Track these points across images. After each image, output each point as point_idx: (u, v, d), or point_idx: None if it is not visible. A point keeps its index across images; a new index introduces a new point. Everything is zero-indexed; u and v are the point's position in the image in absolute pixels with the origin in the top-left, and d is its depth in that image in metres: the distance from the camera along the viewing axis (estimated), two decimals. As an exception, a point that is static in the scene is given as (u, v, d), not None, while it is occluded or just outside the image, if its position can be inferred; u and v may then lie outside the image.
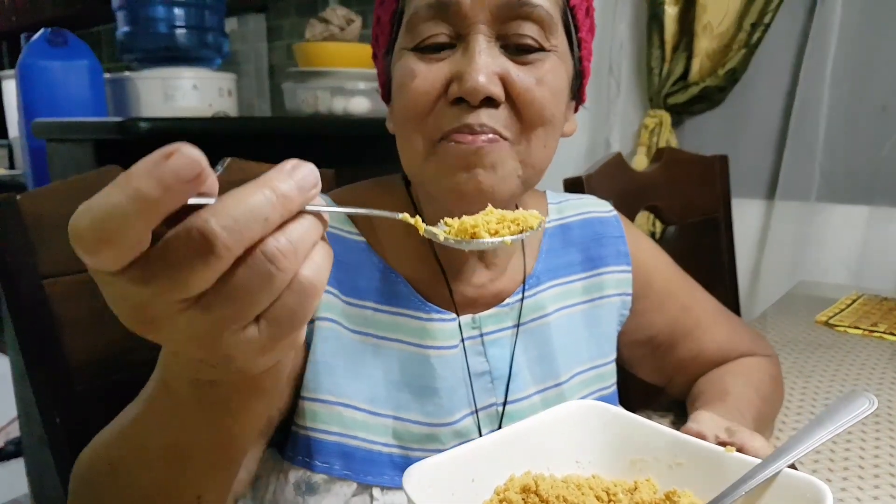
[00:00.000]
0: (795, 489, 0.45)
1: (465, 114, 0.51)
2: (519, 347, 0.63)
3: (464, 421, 0.60)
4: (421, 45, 0.52)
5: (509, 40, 0.52)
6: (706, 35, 1.58)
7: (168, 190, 0.24)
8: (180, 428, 0.35)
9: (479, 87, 0.50)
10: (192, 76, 1.63)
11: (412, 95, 0.52)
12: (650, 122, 1.69)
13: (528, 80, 0.52)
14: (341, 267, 0.58)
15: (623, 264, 0.70)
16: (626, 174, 1.14)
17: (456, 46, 0.52)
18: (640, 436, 0.53)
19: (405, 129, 0.54)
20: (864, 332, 1.07)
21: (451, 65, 0.52)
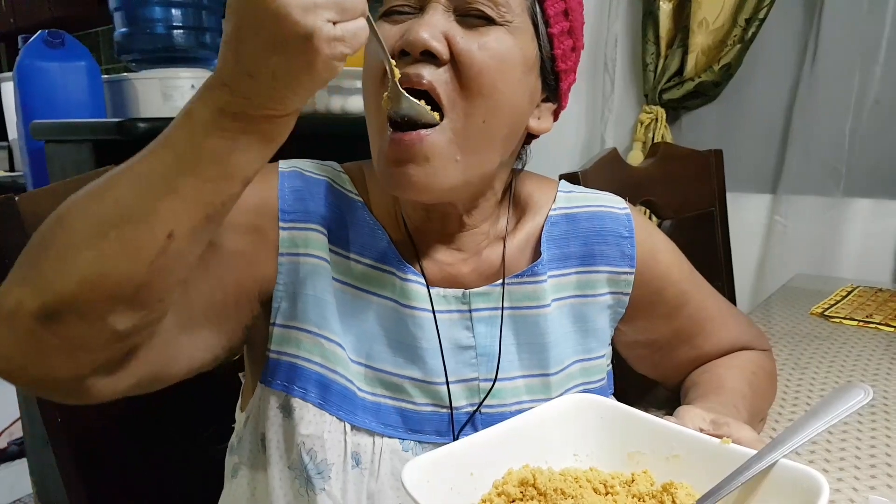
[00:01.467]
0: (792, 480, 0.46)
1: (406, 66, 0.54)
2: (508, 329, 0.64)
3: (440, 386, 0.61)
4: (388, 10, 0.57)
5: (462, 10, 0.55)
6: (702, 31, 1.58)
7: None
8: (190, 154, 0.41)
9: (417, 39, 0.53)
10: (190, 76, 1.63)
11: (368, 57, 0.57)
12: (646, 118, 1.69)
13: (471, 44, 0.54)
14: (336, 217, 0.62)
15: (625, 266, 0.68)
16: (622, 169, 1.14)
17: (415, 14, 0.56)
18: (637, 429, 0.54)
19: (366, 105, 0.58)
20: (859, 323, 1.08)
21: (403, 28, 0.55)
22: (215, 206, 0.42)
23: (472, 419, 0.62)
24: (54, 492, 1.61)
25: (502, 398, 0.63)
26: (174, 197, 0.41)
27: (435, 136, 0.54)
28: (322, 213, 0.61)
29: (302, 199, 0.61)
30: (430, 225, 0.63)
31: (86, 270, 0.41)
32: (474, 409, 0.62)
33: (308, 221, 0.60)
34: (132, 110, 1.66)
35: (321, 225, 0.61)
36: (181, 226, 0.41)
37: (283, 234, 0.59)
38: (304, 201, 0.61)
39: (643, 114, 1.70)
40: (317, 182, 0.62)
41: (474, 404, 0.62)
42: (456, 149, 0.55)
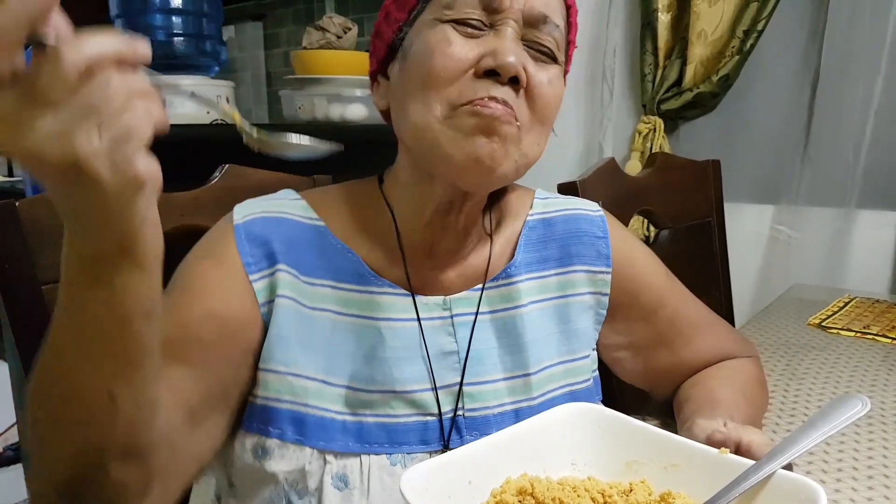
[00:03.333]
0: (790, 490, 0.46)
1: (493, 86, 0.56)
2: (488, 333, 0.66)
3: (422, 393, 0.62)
4: (458, 19, 0.57)
5: (531, 43, 0.58)
6: (700, 42, 1.59)
7: None
8: (77, 313, 0.39)
9: (511, 65, 0.55)
10: (190, 84, 1.64)
11: (445, 60, 0.56)
12: (644, 128, 1.70)
13: (543, 77, 0.58)
14: (301, 249, 0.62)
15: (602, 265, 0.71)
16: (620, 179, 1.15)
17: (487, 31, 0.57)
18: (635, 438, 0.54)
19: (422, 91, 0.57)
20: (856, 334, 1.08)
21: (482, 45, 0.56)
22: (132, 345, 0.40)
23: (456, 423, 0.63)
24: (49, 499, 1.61)
25: (484, 401, 0.64)
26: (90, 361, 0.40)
27: (515, 129, 0.57)
28: (284, 249, 0.61)
29: (263, 243, 0.60)
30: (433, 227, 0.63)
31: (67, 451, 0.43)
32: (453, 414, 0.63)
33: (273, 264, 0.60)
34: (132, 117, 1.66)
35: (286, 263, 0.61)
36: (115, 383, 0.41)
37: (257, 286, 0.60)
38: (266, 245, 0.61)
39: (641, 124, 1.71)
40: (275, 220, 0.62)
41: (454, 409, 0.63)
42: (519, 150, 0.58)
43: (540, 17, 0.58)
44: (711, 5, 1.57)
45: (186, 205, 0.78)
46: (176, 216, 0.77)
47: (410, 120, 0.58)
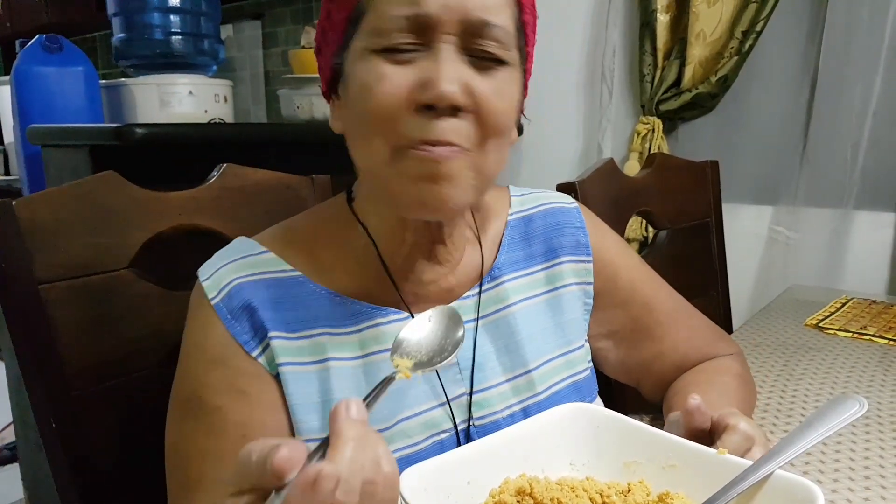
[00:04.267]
0: (787, 491, 0.46)
1: (430, 122, 0.52)
2: (484, 339, 0.65)
3: (434, 411, 0.61)
4: (389, 48, 0.53)
5: (473, 52, 0.53)
6: (699, 42, 1.59)
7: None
8: None
9: (446, 95, 0.51)
10: (187, 82, 1.63)
11: (379, 99, 0.52)
12: (642, 129, 1.70)
13: (489, 90, 0.53)
14: (285, 307, 0.59)
15: (583, 255, 0.71)
16: (619, 179, 1.15)
17: (421, 51, 0.53)
18: (633, 438, 0.54)
19: (367, 133, 0.55)
20: (853, 335, 1.09)
21: (417, 70, 0.52)
22: None
23: (469, 434, 0.62)
24: (47, 498, 1.60)
25: (491, 406, 0.63)
26: None
27: (461, 158, 0.54)
28: (270, 315, 0.58)
29: (248, 316, 0.58)
30: (414, 246, 0.62)
31: None
32: (467, 426, 0.62)
33: (265, 335, 0.58)
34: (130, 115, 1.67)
35: (274, 329, 0.58)
36: None
37: (260, 359, 0.58)
38: (251, 316, 0.58)
39: (640, 124, 1.71)
40: (250, 285, 0.59)
41: (465, 420, 0.62)
42: (474, 174, 0.55)
43: (478, 24, 0.53)
44: (710, 6, 1.57)
45: (184, 204, 0.78)
46: (174, 216, 0.76)
47: (358, 161, 0.58)
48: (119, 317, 0.72)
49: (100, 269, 0.71)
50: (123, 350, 0.72)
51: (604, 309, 0.73)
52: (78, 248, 0.69)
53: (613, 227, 0.80)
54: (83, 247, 0.69)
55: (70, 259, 0.68)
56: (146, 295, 0.74)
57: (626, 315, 0.74)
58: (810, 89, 1.59)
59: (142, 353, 0.73)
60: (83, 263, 0.69)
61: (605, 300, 0.73)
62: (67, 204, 0.69)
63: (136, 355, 0.73)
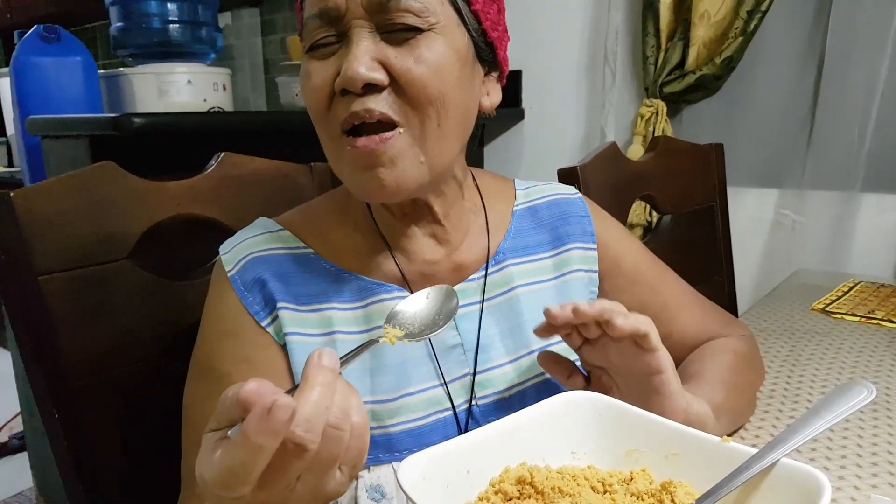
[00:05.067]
0: (793, 479, 0.45)
1: (351, 102, 0.54)
2: (489, 321, 0.66)
3: (436, 390, 0.63)
4: (312, 45, 0.57)
5: (387, 28, 0.55)
6: (703, 23, 1.57)
7: (278, 435, 0.34)
8: None
9: (355, 76, 0.53)
10: (186, 71, 1.62)
11: (310, 94, 0.57)
12: (646, 112, 1.68)
13: (407, 61, 0.54)
14: (296, 282, 0.63)
15: (589, 242, 0.73)
16: (622, 164, 1.13)
17: (340, 43, 0.56)
18: (635, 426, 0.53)
19: (317, 130, 0.59)
20: (861, 319, 1.07)
21: (338, 60, 0.55)
22: None
23: (472, 414, 0.64)
24: (55, 486, 1.62)
25: (495, 387, 0.65)
26: None
27: (396, 140, 0.55)
28: (281, 287, 0.62)
29: (260, 288, 0.62)
30: (408, 227, 0.64)
31: None
32: (469, 405, 0.64)
33: (274, 306, 0.61)
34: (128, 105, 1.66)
35: (283, 300, 0.61)
36: None
37: (270, 330, 0.61)
38: (263, 288, 0.62)
39: (643, 107, 1.69)
40: (263, 259, 0.63)
41: (468, 400, 0.64)
42: (418, 151, 0.56)
43: (380, 2, 0.54)
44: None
45: (182, 194, 0.77)
46: (172, 205, 0.76)
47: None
48: (118, 307, 0.72)
49: (99, 260, 0.71)
50: (123, 340, 0.72)
51: (608, 294, 0.73)
52: (77, 238, 0.69)
53: (616, 212, 0.79)
54: (82, 237, 0.69)
55: (69, 249, 0.68)
56: (145, 285, 0.74)
57: (631, 299, 0.72)
58: (816, 71, 1.57)
59: (141, 342, 0.73)
60: (82, 254, 0.69)
61: (610, 285, 0.73)
62: (66, 194, 0.69)
63: (137, 345, 0.73)
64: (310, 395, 0.36)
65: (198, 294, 0.74)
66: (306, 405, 0.36)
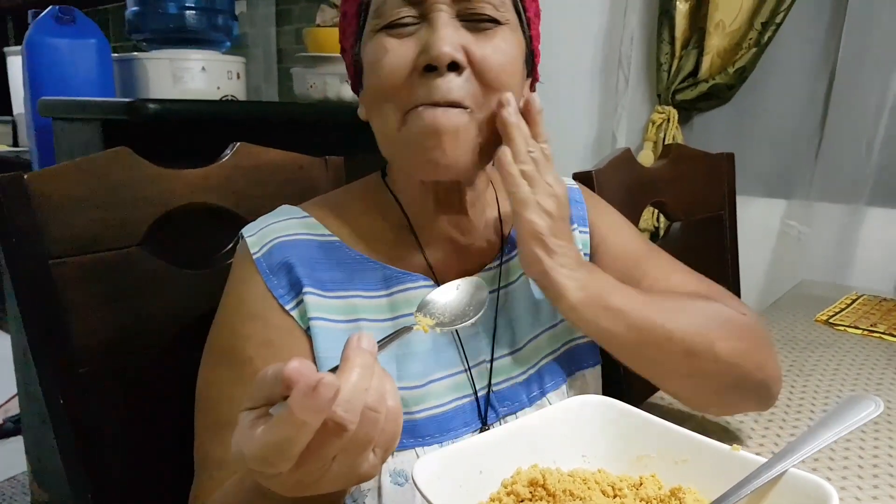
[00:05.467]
0: (801, 489, 0.46)
1: (434, 82, 0.56)
2: (504, 307, 0.69)
3: (457, 376, 0.65)
4: (390, 24, 0.57)
5: (467, 16, 0.57)
6: (718, 33, 1.57)
7: (322, 412, 0.35)
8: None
9: (443, 53, 0.55)
10: (200, 58, 1.62)
11: (386, 69, 0.57)
12: (658, 118, 1.68)
13: (485, 49, 0.57)
14: (322, 268, 0.63)
15: (582, 225, 0.75)
16: (634, 169, 1.13)
17: (420, 24, 0.57)
18: (646, 432, 0.54)
19: (378, 103, 0.59)
20: (863, 332, 1.08)
21: (417, 40, 0.57)
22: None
23: (489, 400, 0.66)
24: (51, 471, 1.62)
25: (510, 372, 0.67)
26: None
27: (466, 119, 0.57)
28: (307, 272, 0.62)
29: (287, 272, 0.62)
30: (437, 215, 0.65)
31: None
32: (487, 391, 0.66)
33: (299, 290, 0.61)
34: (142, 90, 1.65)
35: (309, 285, 0.62)
36: None
37: (294, 313, 0.61)
38: (289, 272, 0.62)
39: (655, 114, 1.69)
40: (290, 244, 0.63)
41: (485, 386, 0.66)
42: (478, 133, 0.59)
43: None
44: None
45: (196, 183, 0.77)
46: (186, 194, 0.76)
47: (377, 134, 0.62)
48: (129, 294, 0.71)
49: (111, 246, 0.70)
50: (133, 327, 0.72)
51: None
52: (89, 223, 0.68)
53: (628, 216, 0.80)
54: (94, 223, 0.69)
55: (81, 235, 0.68)
56: (156, 272, 0.73)
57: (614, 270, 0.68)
58: (828, 84, 1.57)
59: (151, 330, 0.73)
60: (94, 239, 0.69)
61: (596, 261, 0.74)
62: (79, 179, 0.69)
63: (146, 333, 0.73)
64: (350, 376, 0.37)
65: (210, 283, 0.74)
66: (347, 385, 0.36)
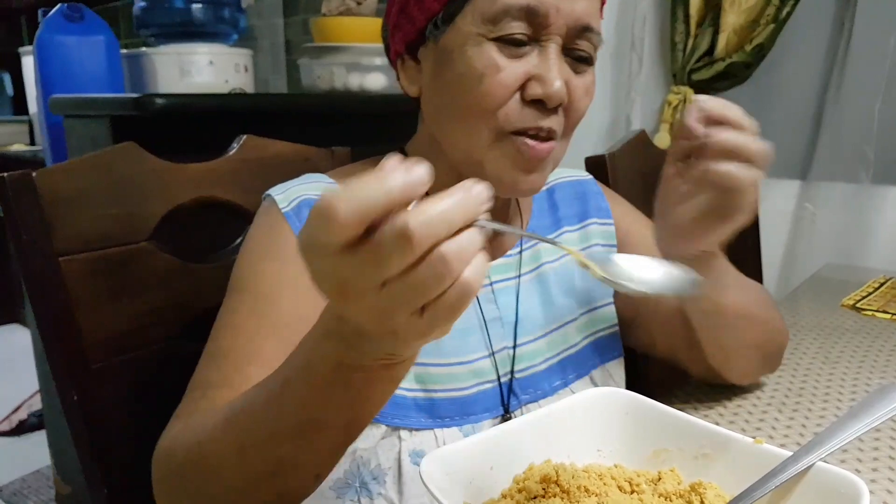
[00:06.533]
0: (829, 484, 0.44)
1: (540, 115, 0.57)
2: (524, 295, 0.69)
3: (480, 361, 0.65)
4: (504, 37, 0.56)
5: (570, 52, 0.58)
6: (734, 9, 1.53)
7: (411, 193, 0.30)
8: (317, 406, 0.41)
9: (558, 94, 0.56)
10: (208, 52, 1.62)
11: (492, 88, 0.56)
12: (673, 99, 1.65)
13: (580, 90, 0.59)
14: None
15: (605, 217, 0.77)
16: (650, 152, 1.11)
17: (531, 46, 0.57)
18: (663, 425, 0.52)
19: (470, 115, 0.58)
20: (892, 316, 1.04)
21: (527, 64, 0.56)
22: (351, 438, 0.44)
23: (511, 387, 0.66)
24: (72, 465, 1.64)
25: (530, 360, 0.68)
26: (311, 448, 0.43)
27: (555, 149, 0.60)
28: None
29: None
30: None
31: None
32: (509, 377, 0.66)
33: None
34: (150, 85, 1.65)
35: None
36: (325, 466, 0.45)
37: None
38: None
39: (671, 94, 1.66)
40: None
41: (507, 373, 0.66)
42: (554, 163, 0.62)
43: (582, 29, 0.57)
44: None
45: (203, 176, 0.77)
46: (192, 187, 0.76)
47: (454, 141, 0.61)
48: (138, 289, 0.71)
49: (119, 241, 0.70)
50: (143, 322, 0.72)
51: None
52: (97, 219, 0.69)
53: (644, 200, 0.78)
54: (103, 218, 0.69)
55: (90, 231, 0.68)
56: (165, 267, 0.73)
57: None
58: (846, 60, 1.52)
59: (161, 324, 0.73)
60: (103, 235, 0.69)
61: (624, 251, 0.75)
62: (87, 175, 0.69)
63: (156, 327, 0.73)
64: (444, 201, 0.30)
65: (218, 277, 0.74)
66: (433, 207, 0.30)
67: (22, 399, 2.43)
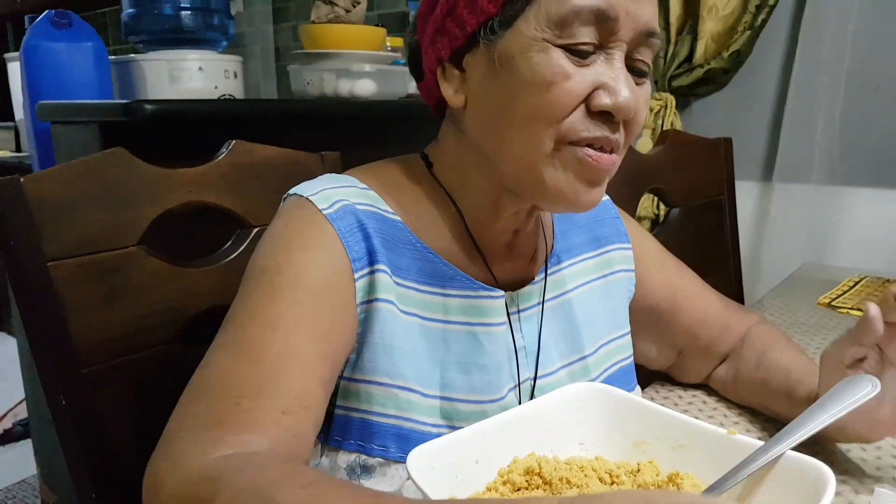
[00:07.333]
0: (798, 472, 0.46)
1: (606, 127, 0.54)
2: (547, 322, 0.65)
3: (508, 395, 0.61)
4: (572, 45, 0.52)
5: (633, 62, 0.55)
6: (711, 17, 1.56)
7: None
8: None
9: (628, 104, 0.53)
10: (197, 58, 1.62)
11: (560, 96, 0.52)
12: (655, 105, 1.68)
13: (641, 101, 0.56)
14: (391, 246, 0.58)
15: (624, 242, 0.75)
16: (632, 156, 1.13)
17: (597, 54, 0.53)
18: (642, 418, 0.54)
19: (531, 123, 0.54)
20: (868, 315, 1.07)
21: (594, 73, 0.53)
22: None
23: None
24: (59, 474, 1.63)
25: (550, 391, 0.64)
26: None
27: (615, 164, 0.57)
28: (379, 247, 0.57)
29: (364, 238, 0.57)
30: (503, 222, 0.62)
31: None
32: None
33: (372, 263, 0.57)
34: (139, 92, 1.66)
35: (383, 262, 0.57)
36: None
37: (358, 284, 0.56)
38: (367, 240, 0.57)
39: (652, 101, 1.69)
40: (365, 214, 0.58)
41: None
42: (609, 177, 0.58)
43: (646, 34, 0.54)
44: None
45: (193, 181, 0.77)
46: (183, 192, 0.76)
47: (510, 151, 0.56)
48: (129, 294, 0.71)
49: (109, 246, 0.70)
50: (133, 327, 0.72)
51: (642, 284, 0.75)
52: (87, 224, 0.69)
53: (626, 204, 0.80)
54: (92, 224, 0.69)
55: (79, 236, 0.68)
56: (156, 272, 0.74)
57: (662, 281, 0.77)
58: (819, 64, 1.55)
59: (152, 329, 0.73)
60: (92, 240, 0.69)
61: (642, 274, 0.76)
62: (76, 181, 0.69)
63: (147, 332, 0.73)
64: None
65: (209, 280, 0.75)
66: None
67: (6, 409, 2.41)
